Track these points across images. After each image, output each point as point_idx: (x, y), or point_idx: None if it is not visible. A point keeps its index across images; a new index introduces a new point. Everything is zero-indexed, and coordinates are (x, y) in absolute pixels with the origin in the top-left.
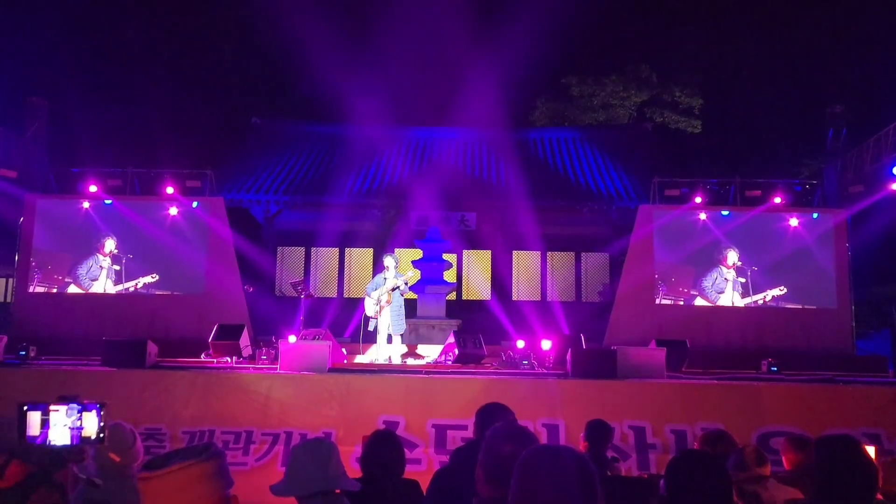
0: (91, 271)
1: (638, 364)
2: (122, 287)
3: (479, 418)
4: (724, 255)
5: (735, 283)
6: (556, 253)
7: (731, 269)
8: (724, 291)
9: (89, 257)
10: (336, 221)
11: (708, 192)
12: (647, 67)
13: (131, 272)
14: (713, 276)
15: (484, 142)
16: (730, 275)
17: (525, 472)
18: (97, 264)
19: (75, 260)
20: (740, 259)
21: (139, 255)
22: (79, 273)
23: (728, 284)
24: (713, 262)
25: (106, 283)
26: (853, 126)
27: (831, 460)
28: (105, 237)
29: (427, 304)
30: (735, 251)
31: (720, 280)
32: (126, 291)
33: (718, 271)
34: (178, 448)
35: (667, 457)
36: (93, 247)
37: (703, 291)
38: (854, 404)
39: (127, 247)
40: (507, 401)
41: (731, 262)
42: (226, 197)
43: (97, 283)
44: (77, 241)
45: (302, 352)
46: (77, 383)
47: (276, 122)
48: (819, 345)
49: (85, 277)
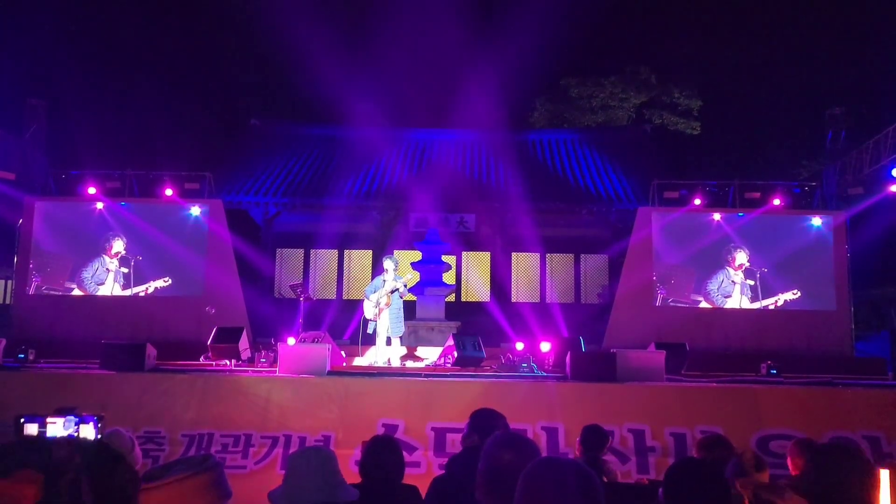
0: (97, 275)
1: (637, 367)
2: (131, 291)
3: (472, 422)
4: (733, 256)
5: (743, 286)
6: (555, 255)
7: (739, 271)
8: (732, 295)
9: (94, 259)
10: (335, 223)
11: (707, 194)
12: (646, 69)
13: (141, 276)
14: (719, 278)
15: (483, 143)
16: (737, 277)
17: (528, 484)
18: (103, 267)
19: (78, 262)
20: (749, 260)
21: (142, 259)
22: (84, 277)
23: (736, 288)
24: (718, 263)
25: (113, 287)
26: (852, 128)
27: (830, 468)
28: (114, 238)
29: (426, 306)
30: (745, 252)
31: (727, 283)
32: (136, 296)
33: (725, 273)
34: (176, 453)
35: (666, 460)
36: (99, 248)
37: (708, 295)
38: (853, 407)
39: (128, 249)
40: (506, 404)
41: (739, 262)
42: (225, 199)
43: (104, 286)
44: (77, 243)
45: (301, 354)
46: (76, 387)
47: (275, 123)
48: (818, 347)
49: (90, 281)
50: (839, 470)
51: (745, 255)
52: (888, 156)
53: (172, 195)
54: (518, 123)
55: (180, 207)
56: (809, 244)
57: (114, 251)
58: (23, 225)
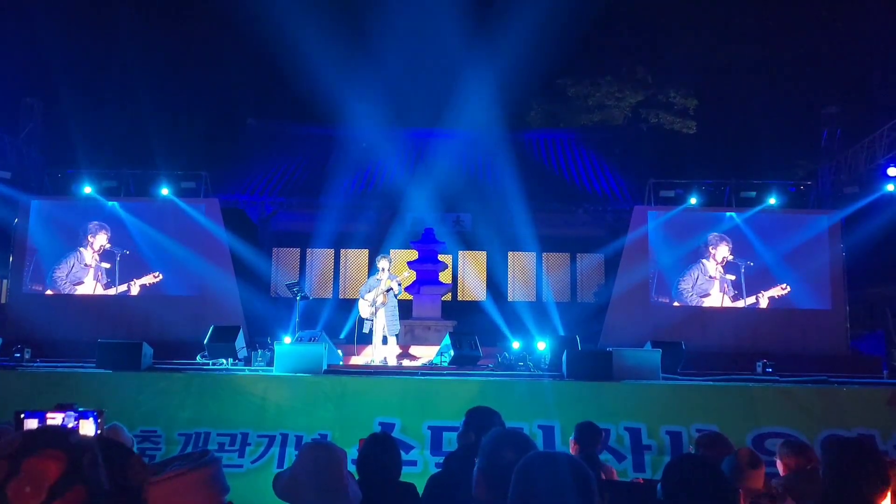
0: (73, 273)
1: (633, 365)
2: (115, 290)
3: (468, 420)
4: (716, 247)
5: (723, 282)
6: (551, 254)
7: (720, 266)
8: (710, 294)
9: (70, 255)
10: (331, 222)
11: (703, 193)
12: (642, 68)
13: (132, 273)
14: (694, 275)
15: (479, 143)
16: (717, 272)
17: (522, 478)
18: (80, 263)
19: (50, 262)
20: (732, 253)
21: (134, 257)
22: (56, 277)
23: (714, 284)
24: (697, 258)
25: (95, 286)
26: (848, 127)
27: (841, 462)
28: (98, 230)
29: (422, 305)
30: (728, 244)
31: (703, 280)
32: (132, 295)
33: (700, 269)
34: (173, 453)
35: (662, 458)
36: (79, 243)
37: (680, 295)
38: (849, 405)
39: (112, 243)
40: (503, 402)
41: (722, 256)
42: (221, 198)
43: (82, 286)
44: (72, 242)
45: (297, 353)
46: (72, 386)
47: (272, 123)
48: (814, 346)
49: (65, 281)
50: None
51: (728, 248)
52: (883, 155)
53: (169, 194)
54: (514, 123)
55: (176, 206)
56: (805, 243)
57: (97, 245)
58: (18, 224)
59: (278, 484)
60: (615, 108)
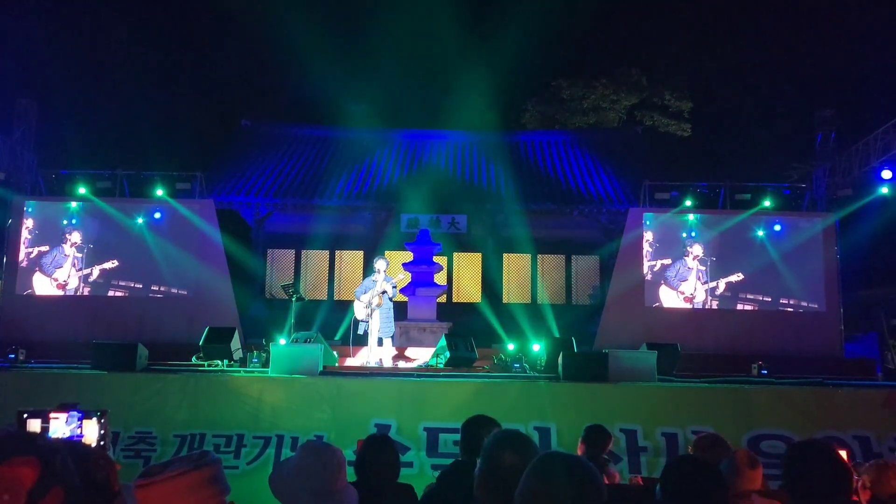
0: (56, 260)
1: (629, 367)
2: (80, 273)
3: (465, 433)
4: (692, 247)
5: (698, 272)
6: (546, 256)
7: (696, 261)
8: (688, 279)
9: (55, 248)
10: (327, 224)
11: (697, 196)
12: (637, 71)
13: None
14: (676, 266)
15: (474, 145)
16: (693, 264)
17: (532, 478)
18: (62, 253)
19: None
20: (704, 252)
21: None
22: (44, 262)
23: (692, 273)
24: (681, 256)
25: (70, 271)
26: (842, 130)
27: (804, 466)
28: (73, 231)
29: (418, 306)
30: (700, 245)
31: (683, 269)
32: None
33: (682, 263)
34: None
35: (658, 460)
36: (61, 239)
37: (667, 280)
38: (844, 407)
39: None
40: (499, 404)
41: (696, 254)
42: (216, 199)
43: (61, 270)
44: (63, 241)
45: (293, 355)
46: (68, 387)
47: (267, 124)
48: (808, 348)
49: (50, 266)
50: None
51: (701, 248)
52: (877, 158)
53: (163, 195)
54: (509, 124)
55: (171, 207)
56: (799, 246)
57: (71, 241)
58: (11, 225)
59: (276, 483)
60: (610, 110)
